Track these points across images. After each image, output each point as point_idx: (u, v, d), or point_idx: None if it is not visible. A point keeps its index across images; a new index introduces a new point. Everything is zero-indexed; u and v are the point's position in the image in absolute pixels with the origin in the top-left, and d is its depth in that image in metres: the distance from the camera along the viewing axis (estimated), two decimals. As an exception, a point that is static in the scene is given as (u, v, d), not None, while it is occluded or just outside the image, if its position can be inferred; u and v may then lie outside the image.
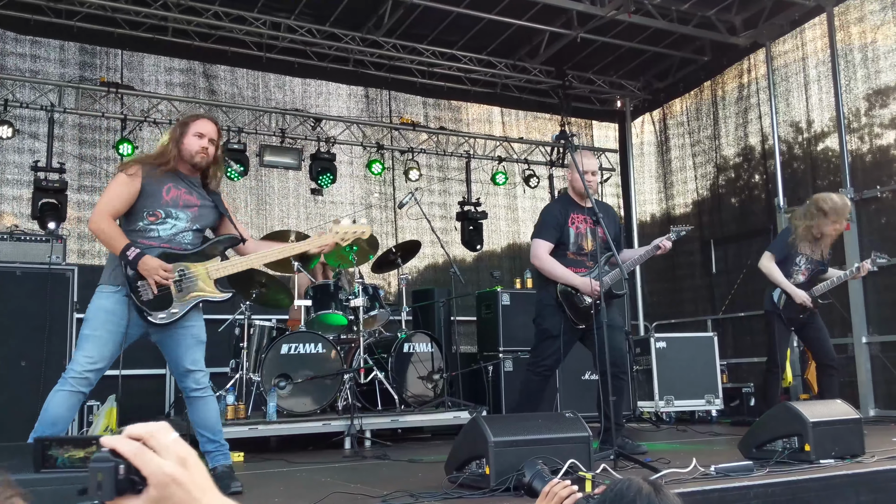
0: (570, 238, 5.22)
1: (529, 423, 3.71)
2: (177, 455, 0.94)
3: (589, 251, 5.21)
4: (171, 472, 0.92)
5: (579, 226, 5.25)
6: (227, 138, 8.97)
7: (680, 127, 10.64)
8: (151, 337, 3.90)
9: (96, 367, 3.67)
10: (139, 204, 3.81)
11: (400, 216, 10.02)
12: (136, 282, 3.71)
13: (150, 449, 0.93)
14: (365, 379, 6.52)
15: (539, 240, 5.25)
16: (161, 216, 3.84)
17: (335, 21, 8.85)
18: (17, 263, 6.02)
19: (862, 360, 7.69)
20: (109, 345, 3.70)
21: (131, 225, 3.84)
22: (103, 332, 3.70)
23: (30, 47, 8.41)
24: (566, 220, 5.24)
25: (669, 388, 7.77)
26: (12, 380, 5.73)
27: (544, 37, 9.39)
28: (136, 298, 3.71)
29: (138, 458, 0.92)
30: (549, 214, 5.35)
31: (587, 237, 5.22)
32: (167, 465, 0.92)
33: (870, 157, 8.10)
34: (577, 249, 5.21)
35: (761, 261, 6.01)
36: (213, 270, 3.90)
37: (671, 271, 10.62)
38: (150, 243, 3.81)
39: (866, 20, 8.10)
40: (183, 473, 0.93)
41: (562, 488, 1.87)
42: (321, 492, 3.63)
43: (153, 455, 0.92)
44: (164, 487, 0.92)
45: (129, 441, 0.93)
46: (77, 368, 3.63)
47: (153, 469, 0.91)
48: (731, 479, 3.57)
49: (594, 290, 4.91)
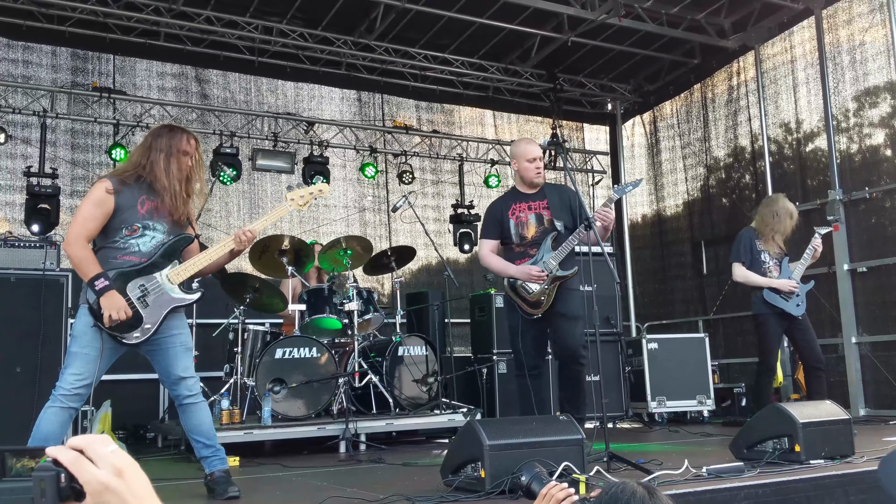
0: (510, 229, 5.06)
1: (524, 426, 3.74)
2: (112, 465, 0.98)
3: (531, 238, 5.02)
4: (105, 481, 0.97)
5: (520, 215, 5.07)
6: (219, 142, 9.00)
7: (670, 129, 10.71)
8: (140, 349, 3.87)
9: (85, 382, 3.64)
10: (115, 220, 3.76)
11: (393, 219, 10.05)
12: (100, 310, 3.65)
13: (88, 459, 0.98)
14: (359, 382, 6.55)
15: (482, 240, 5.22)
16: (139, 230, 3.80)
17: (327, 25, 8.88)
18: (12, 270, 6.01)
19: (852, 361, 7.76)
20: (98, 361, 3.66)
21: (110, 241, 3.79)
22: (91, 350, 3.67)
23: (22, 53, 8.41)
24: (505, 213, 5.10)
25: (661, 389, 7.83)
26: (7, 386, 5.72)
27: (535, 40, 9.44)
28: (105, 326, 3.66)
29: (75, 467, 0.97)
30: (489, 213, 5.27)
31: (528, 224, 5.04)
32: (102, 474, 0.97)
33: (859, 158, 8.17)
34: (520, 240, 5.04)
35: (734, 273, 6.12)
36: (174, 275, 3.83)
37: (662, 272, 10.70)
38: (131, 258, 3.77)
39: (854, 22, 8.17)
40: (117, 483, 0.98)
41: (559, 490, 1.90)
42: (318, 496, 3.66)
43: (90, 465, 0.97)
44: (98, 495, 0.97)
45: (68, 451, 0.98)
46: (66, 387, 3.60)
47: (88, 478, 0.97)
48: (722, 480, 3.62)
49: (531, 276, 4.83)
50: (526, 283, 4.89)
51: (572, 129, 11.63)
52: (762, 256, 6.08)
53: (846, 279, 7.89)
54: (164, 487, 4.43)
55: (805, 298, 6.06)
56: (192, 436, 3.97)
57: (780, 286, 5.96)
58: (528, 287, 4.89)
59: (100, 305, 3.65)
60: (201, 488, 4.02)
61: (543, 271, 4.84)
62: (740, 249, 6.10)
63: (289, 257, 6.65)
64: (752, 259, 6.06)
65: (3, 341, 5.87)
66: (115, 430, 6.54)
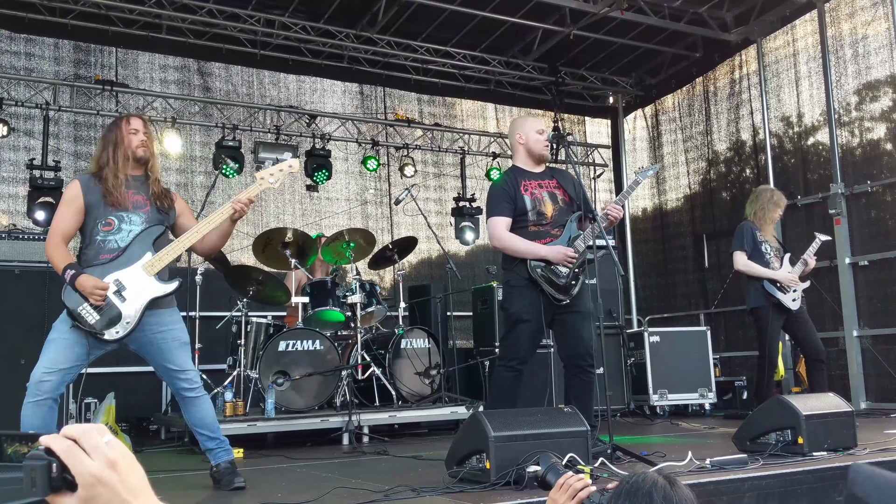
0: (526, 205, 4.59)
1: (529, 418, 3.76)
2: (106, 457, 0.93)
3: (551, 217, 4.61)
4: (97, 473, 0.92)
5: (534, 191, 4.65)
6: (222, 135, 9.00)
7: (672, 123, 10.71)
8: (129, 346, 3.83)
9: (53, 369, 3.58)
10: (89, 219, 3.77)
11: (396, 212, 10.07)
12: (76, 308, 3.64)
13: (82, 449, 0.93)
14: (362, 375, 6.57)
15: (494, 217, 4.61)
16: (114, 223, 3.78)
17: (329, 18, 8.88)
18: (16, 262, 6.03)
19: (853, 354, 7.77)
20: (71, 350, 3.63)
21: (88, 241, 3.80)
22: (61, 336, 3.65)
23: (24, 45, 8.41)
24: (517, 188, 4.62)
25: (663, 382, 7.86)
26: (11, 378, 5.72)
27: (537, 34, 9.43)
28: (84, 326, 3.65)
29: (67, 457, 0.92)
30: (498, 189, 4.72)
31: (545, 201, 4.63)
32: (94, 465, 0.93)
33: (860, 151, 8.17)
34: (538, 217, 4.59)
35: (736, 262, 6.16)
36: (149, 266, 3.77)
37: (664, 266, 10.71)
38: (113, 255, 3.75)
39: (857, 16, 8.16)
40: (110, 475, 0.93)
41: (576, 481, 1.91)
42: (323, 487, 3.68)
43: (83, 455, 0.93)
44: (90, 488, 0.92)
45: (62, 439, 0.93)
46: (34, 378, 3.58)
47: (80, 469, 0.92)
48: (726, 471, 3.64)
49: (566, 257, 4.46)
50: (557, 265, 4.49)
51: (574, 123, 11.63)
52: (763, 247, 6.13)
53: (848, 273, 7.90)
54: (169, 479, 4.45)
55: (801, 295, 6.12)
56: (196, 429, 3.98)
57: (781, 278, 6.02)
58: (558, 270, 4.49)
59: (78, 303, 3.64)
60: (206, 479, 4.04)
61: (576, 253, 4.51)
62: (742, 239, 6.14)
63: (292, 250, 6.66)
64: (753, 249, 6.11)
65: (7, 334, 5.90)
66: (119, 422, 6.56)
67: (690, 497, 1.53)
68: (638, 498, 1.52)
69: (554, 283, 4.50)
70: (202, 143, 9.29)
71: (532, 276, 4.50)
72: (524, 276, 4.53)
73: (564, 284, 4.51)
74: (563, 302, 4.54)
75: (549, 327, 4.72)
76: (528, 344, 4.58)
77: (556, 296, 4.51)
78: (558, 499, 1.92)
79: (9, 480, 0.91)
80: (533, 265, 4.50)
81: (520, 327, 4.55)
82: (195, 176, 9.20)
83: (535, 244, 4.52)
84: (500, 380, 4.63)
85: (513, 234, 4.57)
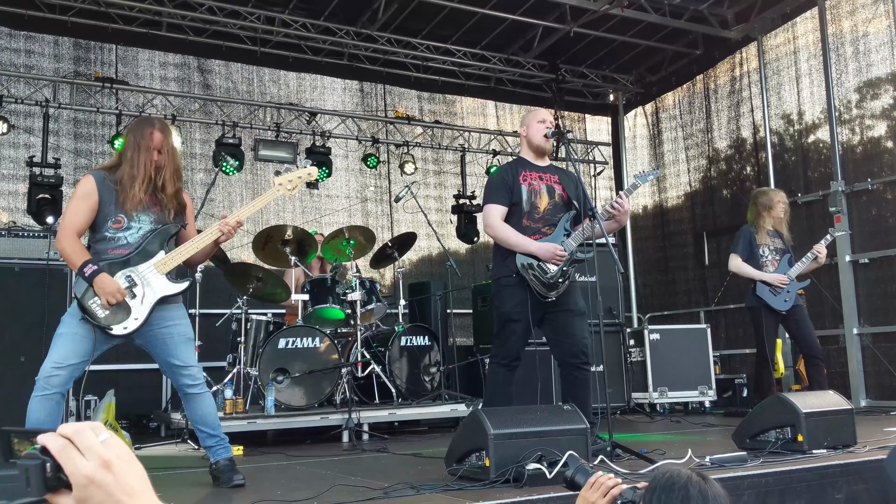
0: (522, 196, 4.58)
1: (528, 415, 3.75)
2: (100, 457, 0.90)
3: (543, 211, 4.60)
4: (90, 473, 0.90)
5: (532, 182, 4.63)
6: (222, 132, 9.00)
7: (672, 120, 10.70)
8: (135, 341, 3.86)
9: (62, 365, 3.60)
10: (101, 215, 3.79)
11: (396, 209, 10.07)
12: (87, 302, 3.66)
13: (76, 448, 0.90)
14: (362, 373, 6.57)
15: (489, 205, 4.60)
16: (124, 221, 3.81)
17: (329, 15, 8.87)
18: (16, 259, 6.03)
19: (853, 351, 7.78)
20: (81, 344, 3.65)
21: (98, 236, 3.82)
22: (71, 330, 3.67)
23: (24, 42, 8.41)
24: (516, 177, 4.62)
25: (663, 380, 7.86)
26: (11, 375, 5.74)
27: (538, 31, 9.42)
28: (93, 319, 3.67)
29: (61, 456, 0.90)
30: (496, 177, 4.75)
31: (541, 194, 4.62)
32: (87, 466, 0.90)
33: (860, 149, 8.17)
34: (531, 208, 4.58)
35: (730, 263, 6.35)
36: (160, 265, 3.82)
37: (664, 263, 10.71)
38: (122, 251, 3.78)
39: (858, 13, 8.16)
40: (104, 476, 0.90)
41: (607, 479, 1.92)
42: (323, 484, 3.68)
43: (76, 455, 0.90)
44: (83, 488, 0.90)
45: (57, 438, 0.91)
46: (44, 371, 3.59)
47: (72, 469, 0.90)
48: (725, 469, 3.63)
49: (555, 254, 4.44)
50: (545, 263, 4.48)
51: (574, 120, 11.62)
52: (759, 251, 6.27)
53: (848, 270, 7.91)
54: (169, 476, 4.46)
55: (794, 295, 6.19)
56: (196, 425, 3.99)
57: (769, 280, 6.13)
58: (546, 267, 4.48)
59: (89, 297, 3.65)
60: (206, 476, 4.04)
61: (565, 251, 4.49)
62: (740, 243, 6.33)
63: (291, 247, 6.66)
64: (750, 253, 6.28)
65: (7, 331, 5.90)
66: (119, 419, 6.56)
67: (723, 493, 1.54)
68: (675, 492, 1.53)
69: (540, 280, 4.49)
70: (202, 140, 9.28)
71: (520, 272, 4.50)
72: (513, 271, 4.53)
73: (552, 282, 4.51)
74: (548, 299, 4.53)
75: (538, 326, 4.66)
76: (520, 342, 4.60)
77: (541, 291, 4.50)
78: (590, 497, 1.92)
79: (15, 477, 0.90)
80: (522, 261, 4.50)
81: (511, 326, 4.57)
82: (195, 173, 9.20)
83: (526, 239, 4.52)
84: (494, 376, 4.66)
85: (505, 224, 4.57)
